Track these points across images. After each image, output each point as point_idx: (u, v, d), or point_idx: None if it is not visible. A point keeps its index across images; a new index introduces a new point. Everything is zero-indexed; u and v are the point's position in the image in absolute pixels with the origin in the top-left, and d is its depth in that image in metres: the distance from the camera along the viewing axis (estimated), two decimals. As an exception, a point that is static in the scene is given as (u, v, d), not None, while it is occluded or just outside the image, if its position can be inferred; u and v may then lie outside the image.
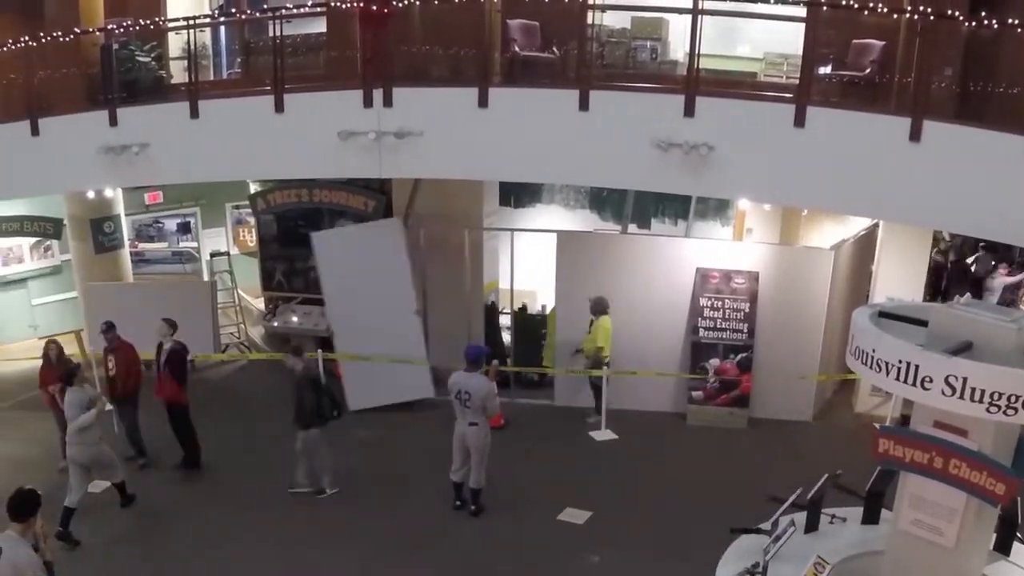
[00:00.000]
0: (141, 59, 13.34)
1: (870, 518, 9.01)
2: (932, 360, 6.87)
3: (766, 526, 8.29)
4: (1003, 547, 8.40)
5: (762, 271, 13.97)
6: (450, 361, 12.52)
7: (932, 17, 10.05)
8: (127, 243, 18.17)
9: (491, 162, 11.68)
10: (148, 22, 13.92)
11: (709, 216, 16.42)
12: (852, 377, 14.29)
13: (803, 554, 8.13)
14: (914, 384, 6.97)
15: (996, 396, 6.65)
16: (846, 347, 7.93)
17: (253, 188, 16.83)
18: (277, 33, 12.27)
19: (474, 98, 11.14)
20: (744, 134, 10.42)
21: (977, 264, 17.94)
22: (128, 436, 12.89)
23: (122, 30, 13.50)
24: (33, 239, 18.24)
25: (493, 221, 15.93)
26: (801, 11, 10.69)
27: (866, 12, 10.79)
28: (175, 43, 14.10)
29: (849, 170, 10.06)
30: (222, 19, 16.15)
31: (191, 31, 12.81)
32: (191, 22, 13.03)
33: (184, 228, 20.59)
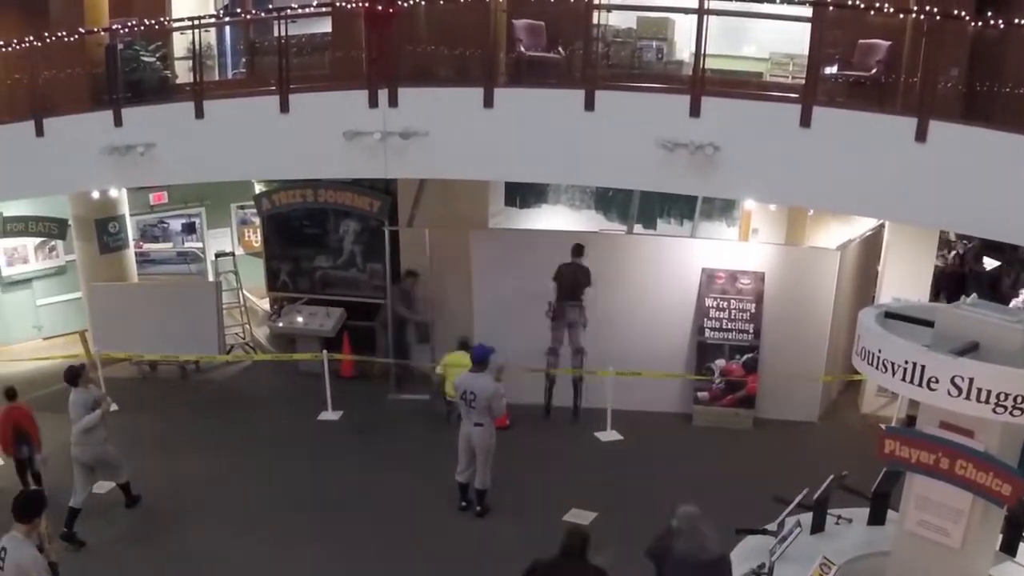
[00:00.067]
0: (146, 59, 13.34)
1: (876, 519, 9.02)
2: (938, 361, 6.87)
3: (772, 527, 8.31)
4: (1009, 548, 8.41)
5: (768, 271, 13.94)
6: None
7: (938, 17, 10.03)
8: (132, 243, 18.19)
9: (496, 162, 11.67)
10: (153, 22, 13.92)
11: (715, 216, 16.40)
12: (858, 378, 14.26)
13: (809, 555, 8.15)
14: (920, 385, 6.98)
15: (1002, 397, 6.65)
16: (852, 348, 7.93)
17: (258, 188, 16.82)
18: (282, 33, 12.26)
19: (480, 98, 11.13)
20: (750, 134, 10.41)
21: (1002, 276, 17.70)
22: None
23: (127, 30, 13.50)
24: (38, 239, 18.21)
25: (499, 221, 15.92)
26: (807, 11, 10.67)
27: (872, 12, 10.76)
28: (180, 43, 14.08)
29: (855, 170, 10.04)
30: (227, 19, 16.14)
31: (196, 31, 12.81)
32: (196, 22, 13.03)
33: (189, 228, 20.59)
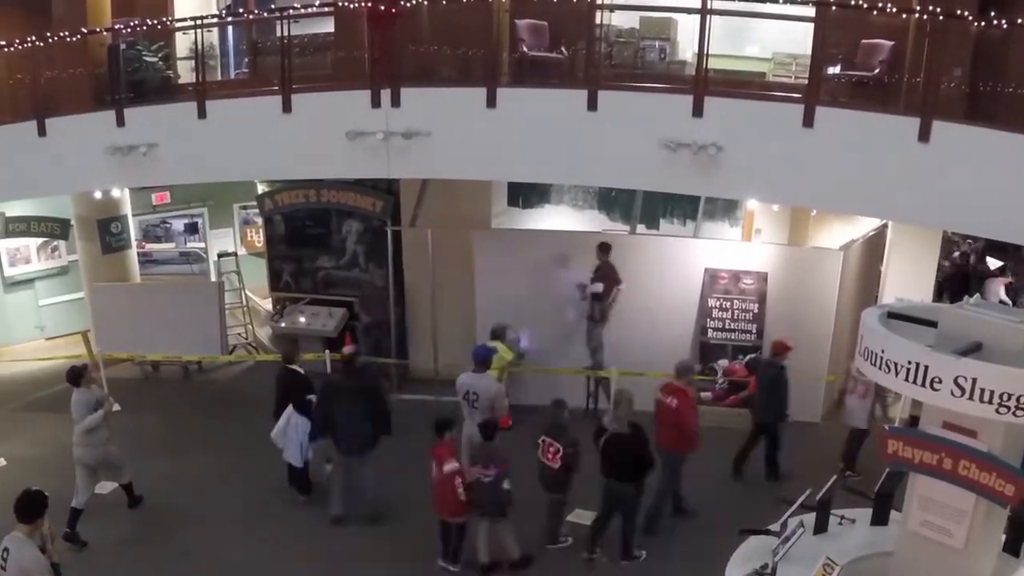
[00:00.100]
0: (148, 59, 13.37)
1: (879, 519, 9.00)
2: (941, 361, 6.85)
3: (775, 527, 8.29)
4: (1012, 548, 8.38)
5: (771, 272, 13.94)
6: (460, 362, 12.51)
7: (941, 17, 10.01)
8: (134, 244, 18.22)
9: (499, 162, 11.67)
10: (155, 22, 13.93)
11: (717, 216, 16.39)
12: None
13: (812, 555, 8.12)
14: (923, 385, 6.96)
15: (1006, 397, 6.64)
16: (855, 348, 7.91)
17: (261, 188, 16.82)
18: (285, 33, 12.27)
19: (482, 98, 11.13)
20: (753, 134, 10.40)
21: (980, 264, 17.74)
22: None
23: (129, 30, 13.52)
24: (40, 240, 18.28)
25: (501, 222, 15.91)
26: (810, 11, 10.65)
27: (875, 12, 10.76)
28: (182, 43, 14.12)
29: (858, 170, 10.03)
30: (229, 19, 16.14)
31: (198, 31, 12.82)
32: (198, 22, 13.04)
33: (191, 228, 20.62)
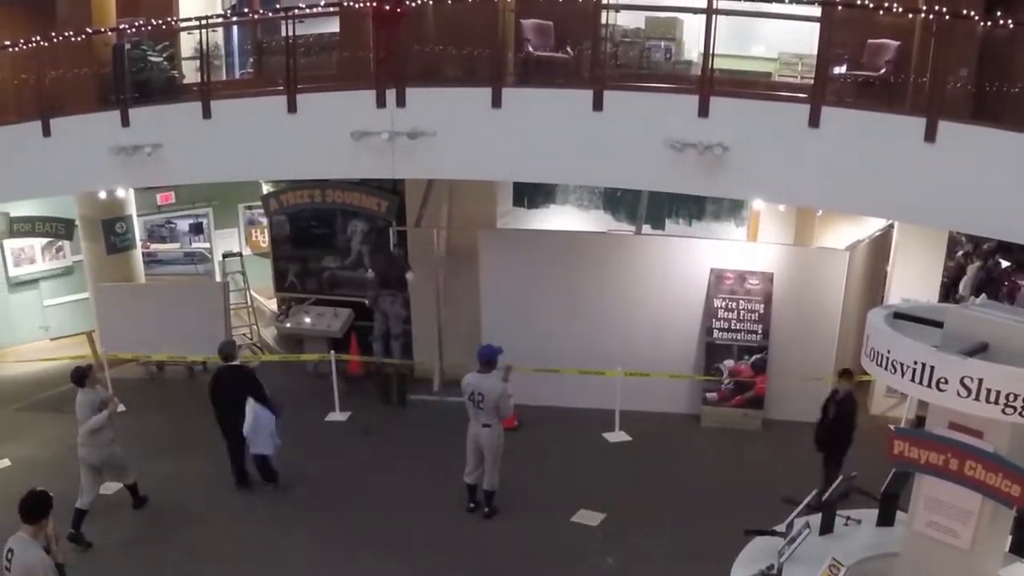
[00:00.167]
0: (153, 59, 13.36)
1: (885, 520, 8.98)
2: (947, 361, 6.83)
3: (781, 528, 8.30)
4: (1019, 549, 8.37)
5: (776, 272, 13.92)
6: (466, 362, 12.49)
7: (947, 17, 9.97)
8: (139, 244, 18.21)
9: (504, 163, 11.65)
10: (160, 22, 13.91)
11: (723, 217, 16.36)
12: (867, 379, 14.21)
13: (818, 556, 8.11)
14: (929, 385, 6.94)
15: (1012, 397, 6.62)
16: (861, 348, 7.90)
17: (266, 188, 16.83)
18: (290, 33, 12.25)
19: (488, 98, 11.10)
20: (758, 134, 10.37)
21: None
22: None
23: (134, 30, 13.51)
24: (45, 240, 18.26)
25: (507, 222, 15.90)
26: (816, 11, 10.64)
27: (881, 12, 10.72)
28: (187, 43, 14.10)
29: (864, 170, 10.00)
30: (234, 19, 16.15)
31: (203, 31, 12.81)
32: (203, 22, 13.03)
33: (196, 229, 20.60)
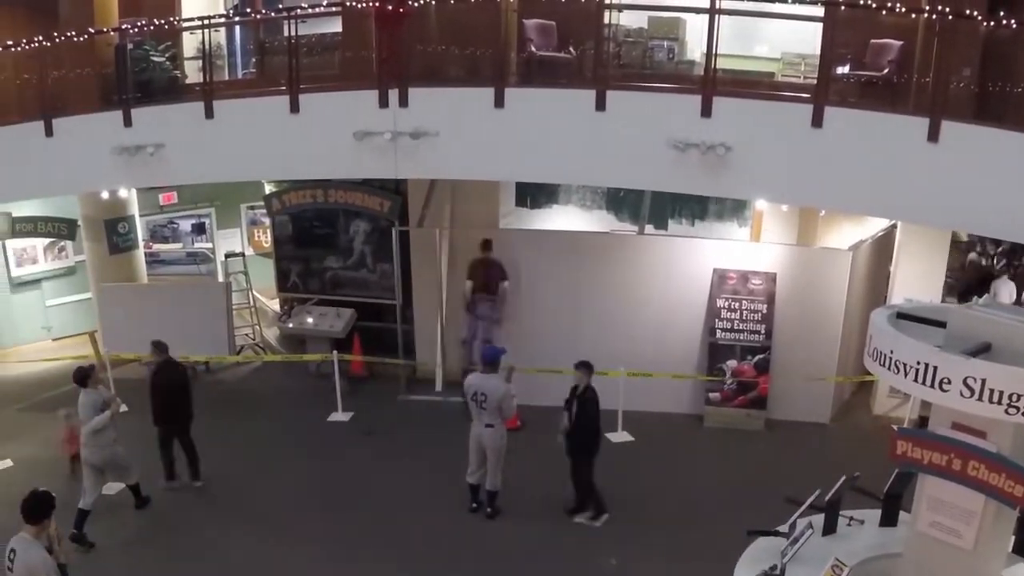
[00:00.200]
0: (156, 59, 13.37)
1: (888, 520, 8.96)
2: (950, 361, 6.81)
3: (784, 528, 8.27)
4: (1022, 549, 8.34)
5: (779, 272, 13.91)
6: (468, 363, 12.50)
7: (950, 17, 9.98)
8: (141, 244, 18.24)
9: (507, 163, 11.65)
10: (163, 22, 13.92)
11: (726, 217, 16.36)
12: (870, 379, 14.21)
13: (821, 556, 8.09)
14: (932, 386, 6.92)
15: (1015, 397, 6.60)
16: (864, 348, 7.88)
17: (268, 189, 16.84)
18: (292, 33, 12.26)
19: (490, 98, 11.11)
20: (761, 134, 10.38)
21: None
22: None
23: (137, 30, 13.53)
24: (47, 240, 18.28)
25: (510, 222, 15.90)
26: (819, 11, 10.64)
27: (884, 12, 10.72)
28: (190, 43, 14.10)
29: (867, 170, 10.00)
30: (237, 19, 16.16)
31: (206, 31, 12.80)
32: (206, 22, 13.02)
33: (199, 229, 20.62)
